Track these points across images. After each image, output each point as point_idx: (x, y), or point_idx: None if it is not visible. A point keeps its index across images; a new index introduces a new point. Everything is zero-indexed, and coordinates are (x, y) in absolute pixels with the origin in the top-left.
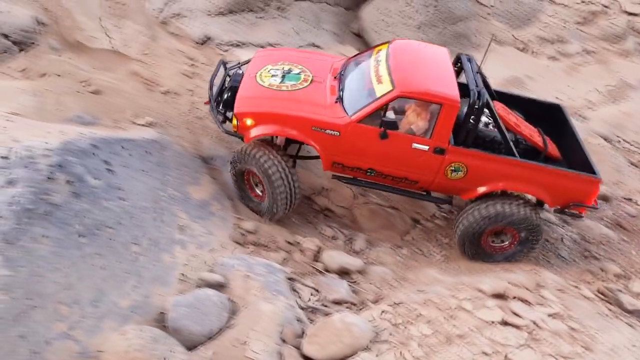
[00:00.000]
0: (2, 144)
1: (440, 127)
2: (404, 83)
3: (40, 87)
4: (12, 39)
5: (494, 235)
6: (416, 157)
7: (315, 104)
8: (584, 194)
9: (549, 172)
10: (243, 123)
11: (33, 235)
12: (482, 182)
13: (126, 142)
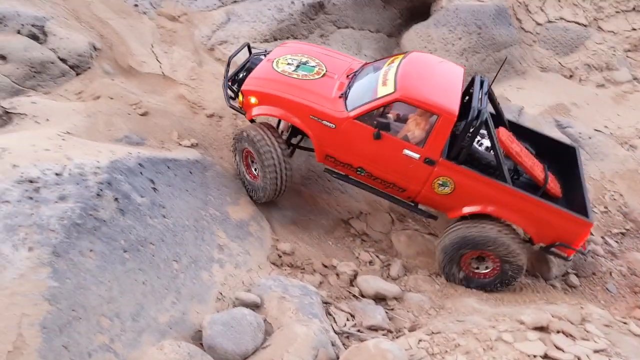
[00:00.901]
0: (56, 161)
1: (434, 138)
2: (405, 88)
3: (93, 109)
4: (69, 63)
5: (477, 260)
6: (406, 164)
7: (320, 95)
8: (573, 234)
9: (538, 204)
10: (247, 100)
11: (80, 249)
12: (468, 202)
13: (171, 162)
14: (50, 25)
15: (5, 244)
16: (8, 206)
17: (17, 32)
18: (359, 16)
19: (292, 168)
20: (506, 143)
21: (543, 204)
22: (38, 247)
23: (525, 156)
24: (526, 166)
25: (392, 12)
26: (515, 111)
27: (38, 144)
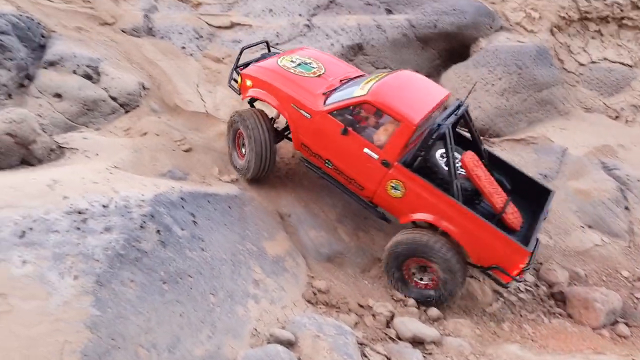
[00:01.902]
0: (104, 194)
1: (392, 142)
2: (375, 93)
3: (140, 145)
4: (119, 102)
5: (420, 270)
6: (365, 162)
7: (306, 90)
8: (509, 260)
9: (478, 223)
10: (244, 83)
11: (122, 279)
12: (415, 209)
13: (211, 196)
14: (103, 65)
15: (52, 272)
16: (57, 235)
17: (73, 72)
18: (397, 57)
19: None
20: (468, 165)
21: (483, 223)
22: (83, 275)
23: (487, 182)
24: (484, 191)
25: (431, 53)
26: (559, 152)
27: (87, 177)
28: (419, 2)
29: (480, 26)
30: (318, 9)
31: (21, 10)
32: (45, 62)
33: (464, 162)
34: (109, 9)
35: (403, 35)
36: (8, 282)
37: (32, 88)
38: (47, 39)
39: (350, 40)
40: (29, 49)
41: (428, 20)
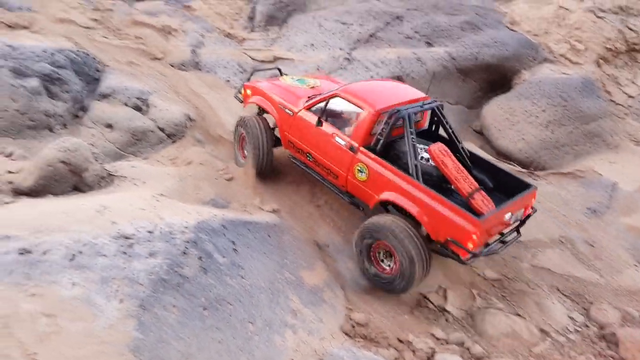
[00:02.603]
0: (149, 220)
1: (357, 128)
2: (345, 87)
3: (185, 174)
4: (166, 132)
5: (385, 255)
6: (336, 150)
7: (294, 95)
8: (461, 231)
9: (430, 195)
10: (245, 92)
11: (164, 304)
12: (378, 190)
13: (251, 225)
14: (152, 98)
15: (99, 295)
16: (105, 259)
17: (124, 104)
18: (437, 89)
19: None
20: (434, 152)
21: (434, 195)
22: (127, 299)
23: (454, 169)
24: (450, 176)
25: (472, 85)
26: (608, 186)
27: (135, 204)
28: (459, 35)
29: (523, 58)
30: (358, 42)
31: (79, 46)
32: (98, 95)
33: (430, 151)
34: (159, 45)
35: (443, 67)
36: (58, 304)
37: (85, 119)
38: (101, 73)
39: (390, 72)
40: (84, 82)
41: (469, 52)
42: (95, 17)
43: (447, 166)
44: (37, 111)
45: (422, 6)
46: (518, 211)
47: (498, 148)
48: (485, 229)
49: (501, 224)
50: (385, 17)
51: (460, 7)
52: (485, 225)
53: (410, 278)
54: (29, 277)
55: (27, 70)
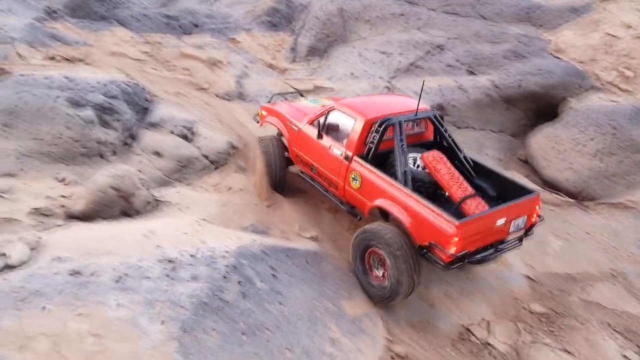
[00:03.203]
0: (192, 244)
1: (352, 138)
2: (341, 102)
3: (227, 200)
4: (210, 159)
5: (377, 262)
6: (333, 160)
7: (302, 113)
8: (441, 235)
9: (412, 198)
10: (261, 113)
11: (205, 327)
12: (370, 196)
13: (291, 251)
14: (198, 126)
15: (143, 316)
16: (149, 282)
17: (171, 132)
18: (480, 117)
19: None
20: (426, 159)
21: (416, 199)
22: (169, 321)
23: (447, 175)
24: (442, 182)
25: (516, 113)
26: None
27: (179, 229)
28: (502, 63)
29: (569, 86)
30: (398, 71)
31: (130, 78)
32: (147, 124)
33: (423, 158)
34: (205, 76)
35: (486, 96)
36: (104, 324)
37: (135, 146)
38: (151, 103)
39: (431, 100)
40: (134, 111)
41: (512, 80)
42: (146, 50)
43: (439, 172)
44: (90, 139)
45: (463, 35)
46: (517, 218)
47: (544, 177)
48: (468, 233)
49: (494, 231)
50: (426, 46)
51: (503, 35)
52: (466, 229)
53: (397, 286)
54: (78, 297)
55: (82, 101)
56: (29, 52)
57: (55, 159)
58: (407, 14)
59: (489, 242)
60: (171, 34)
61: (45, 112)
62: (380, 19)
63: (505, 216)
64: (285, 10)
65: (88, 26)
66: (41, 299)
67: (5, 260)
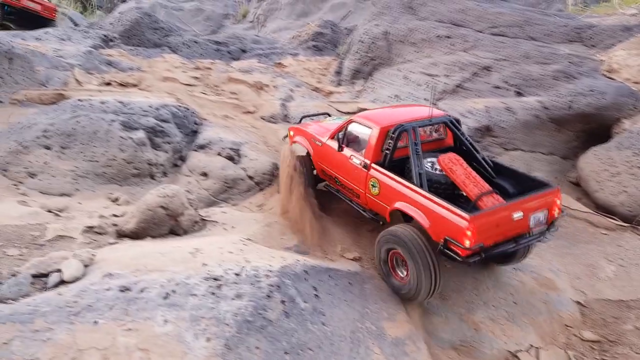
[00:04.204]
0: (237, 263)
1: (369, 146)
2: (359, 114)
3: (270, 220)
4: (255, 180)
5: (399, 263)
6: (354, 170)
7: (326, 130)
8: (455, 229)
9: (427, 198)
10: (290, 134)
11: (248, 345)
12: (389, 201)
13: (333, 272)
14: (244, 148)
15: (188, 333)
16: (195, 299)
17: (218, 154)
18: (529, 139)
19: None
20: (442, 161)
21: (430, 197)
22: (214, 338)
23: (463, 175)
24: (458, 182)
25: (566, 135)
26: None
27: (224, 248)
28: (552, 84)
29: (622, 107)
30: (444, 93)
31: (180, 102)
32: (196, 146)
33: (439, 161)
34: (252, 99)
35: (535, 117)
36: (151, 339)
37: (184, 167)
38: (199, 126)
39: (478, 122)
40: (184, 134)
41: (562, 101)
42: (196, 75)
43: (455, 172)
44: (141, 160)
45: (511, 56)
46: (536, 212)
47: (596, 201)
48: (483, 226)
49: (512, 225)
50: (472, 68)
51: (552, 56)
52: (480, 222)
53: (418, 286)
54: (127, 312)
55: (135, 124)
56: (86, 78)
57: (108, 179)
58: (453, 36)
59: (508, 237)
60: (220, 60)
61: (100, 135)
62: (426, 41)
63: (522, 209)
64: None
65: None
66: (93, 313)
67: (60, 275)
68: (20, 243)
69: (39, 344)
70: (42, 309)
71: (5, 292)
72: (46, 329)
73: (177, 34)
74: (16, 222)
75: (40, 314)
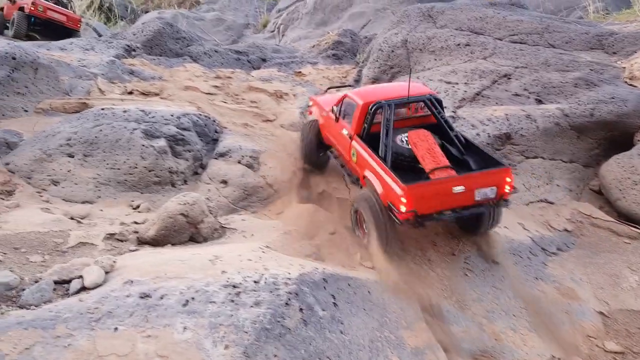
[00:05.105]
0: (256, 270)
1: (353, 119)
2: (352, 90)
3: (289, 227)
4: (274, 188)
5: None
6: (343, 139)
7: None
8: (395, 196)
9: (381, 166)
10: (309, 105)
11: (267, 353)
12: (362, 169)
13: (352, 280)
14: (263, 156)
15: (207, 340)
16: (214, 306)
17: (238, 161)
18: (549, 146)
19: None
20: (410, 137)
21: (383, 167)
22: (233, 345)
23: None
24: (418, 155)
25: (588, 142)
26: None
27: (243, 255)
28: (572, 92)
29: None
30: (464, 101)
31: (201, 111)
32: (216, 154)
33: (408, 135)
34: (271, 108)
35: (555, 125)
36: (170, 346)
37: (204, 175)
38: (220, 134)
39: (497, 130)
40: (204, 142)
41: (583, 109)
42: (217, 84)
43: (418, 147)
44: (162, 168)
45: (531, 64)
46: (483, 188)
47: (619, 209)
48: (418, 195)
49: (454, 197)
50: (492, 75)
51: (573, 63)
52: (415, 192)
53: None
54: (147, 319)
55: (156, 132)
56: (109, 87)
57: (130, 187)
58: (473, 44)
59: (448, 207)
60: (240, 69)
61: (122, 143)
62: (445, 49)
63: (464, 184)
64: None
65: (164, 62)
66: (113, 320)
67: (81, 282)
68: (43, 250)
69: (60, 350)
70: (64, 315)
71: (28, 298)
72: (67, 335)
73: (198, 43)
74: (39, 229)
75: (62, 320)
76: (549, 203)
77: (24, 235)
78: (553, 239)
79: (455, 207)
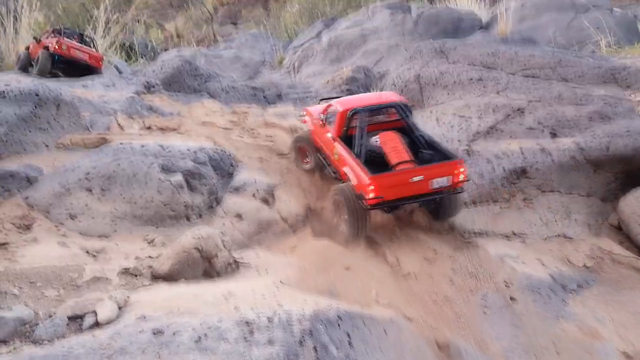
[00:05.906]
0: (270, 307)
1: (336, 124)
2: (337, 100)
3: (304, 263)
4: (289, 223)
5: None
6: (328, 141)
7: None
8: (364, 185)
9: (355, 160)
10: (303, 114)
11: None
12: (342, 165)
13: (367, 318)
14: (277, 191)
15: None
16: (227, 344)
17: (253, 196)
18: (565, 180)
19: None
20: (380, 137)
21: (356, 161)
22: None
23: (391, 148)
24: (385, 152)
25: (605, 176)
26: None
27: (257, 291)
28: (587, 125)
29: None
30: (478, 135)
31: (217, 145)
32: (231, 188)
33: (380, 135)
34: (286, 142)
35: (571, 158)
36: None
37: (219, 209)
38: (235, 168)
39: (512, 164)
40: (219, 176)
41: (598, 142)
42: (233, 120)
43: (386, 145)
44: (178, 202)
45: (544, 98)
46: (438, 178)
47: (639, 244)
48: (383, 184)
49: (412, 185)
50: (505, 109)
51: (587, 97)
52: (380, 181)
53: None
54: (159, 356)
55: (173, 167)
56: (128, 122)
57: (145, 221)
58: (485, 79)
59: (409, 194)
60: (257, 104)
61: (139, 177)
62: (458, 84)
63: (422, 175)
64: (364, 79)
65: (182, 98)
66: (126, 356)
67: (95, 317)
68: (58, 284)
69: None
70: (76, 351)
71: (41, 333)
72: None
73: (215, 80)
74: (55, 262)
75: (74, 357)
76: (568, 238)
77: (40, 269)
78: (573, 275)
79: (415, 194)
